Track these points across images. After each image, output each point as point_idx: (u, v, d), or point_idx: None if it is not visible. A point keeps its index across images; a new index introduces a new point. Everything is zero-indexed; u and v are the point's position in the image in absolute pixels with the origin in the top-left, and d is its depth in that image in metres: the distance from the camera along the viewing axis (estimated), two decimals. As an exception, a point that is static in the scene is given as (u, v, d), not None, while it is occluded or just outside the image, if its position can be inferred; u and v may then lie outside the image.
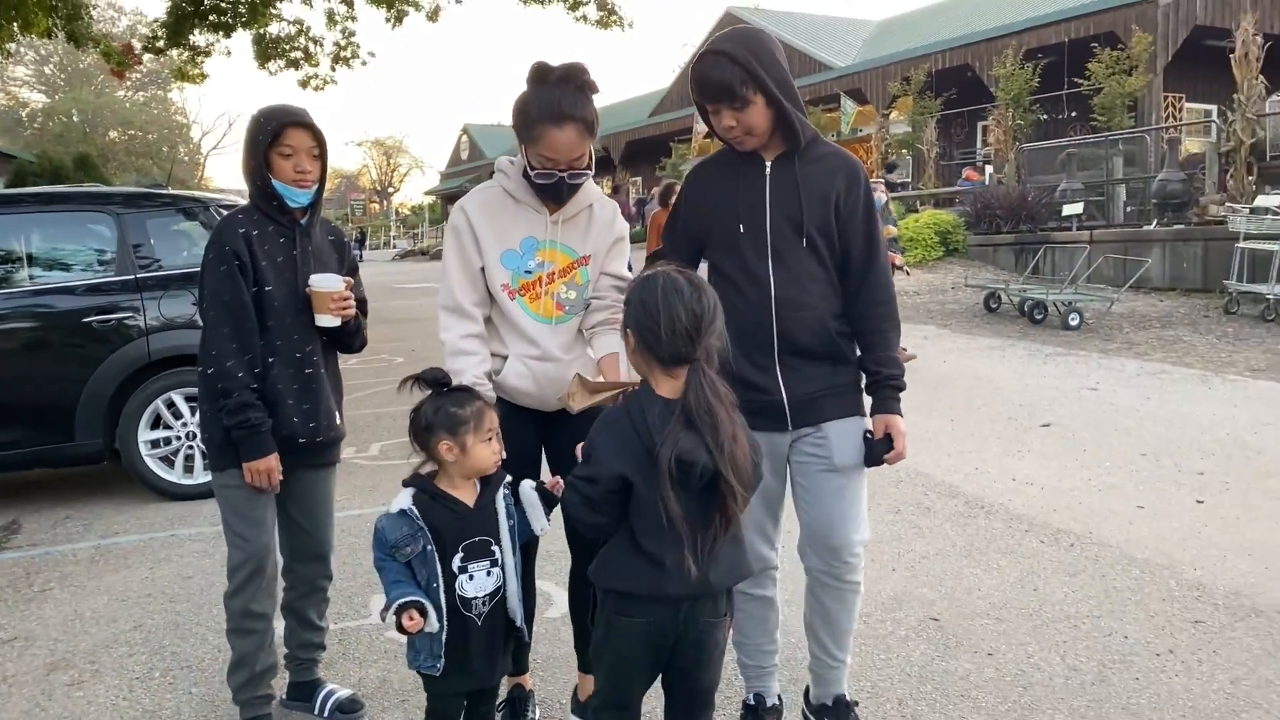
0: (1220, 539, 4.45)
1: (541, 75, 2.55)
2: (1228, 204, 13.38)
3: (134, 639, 3.70)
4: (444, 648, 2.34)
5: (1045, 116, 20.10)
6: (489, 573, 2.37)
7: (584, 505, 2.09)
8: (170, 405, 5.56)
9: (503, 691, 2.83)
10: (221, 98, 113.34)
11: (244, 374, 2.69)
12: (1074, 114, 19.73)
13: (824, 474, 2.61)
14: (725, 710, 2.98)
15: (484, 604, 2.37)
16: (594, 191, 2.78)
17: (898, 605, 3.79)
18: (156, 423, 5.56)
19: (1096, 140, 16.92)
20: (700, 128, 31.21)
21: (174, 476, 5.60)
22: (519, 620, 2.46)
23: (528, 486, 2.43)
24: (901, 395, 2.63)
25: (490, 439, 2.39)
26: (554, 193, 2.64)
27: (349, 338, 2.98)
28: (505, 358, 2.72)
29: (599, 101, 2.65)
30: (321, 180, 2.84)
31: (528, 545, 2.57)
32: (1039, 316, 11.72)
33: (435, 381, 2.40)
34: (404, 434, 2.43)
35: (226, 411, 2.68)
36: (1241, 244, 11.78)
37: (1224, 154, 14.36)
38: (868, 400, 2.65)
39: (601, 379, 2.62)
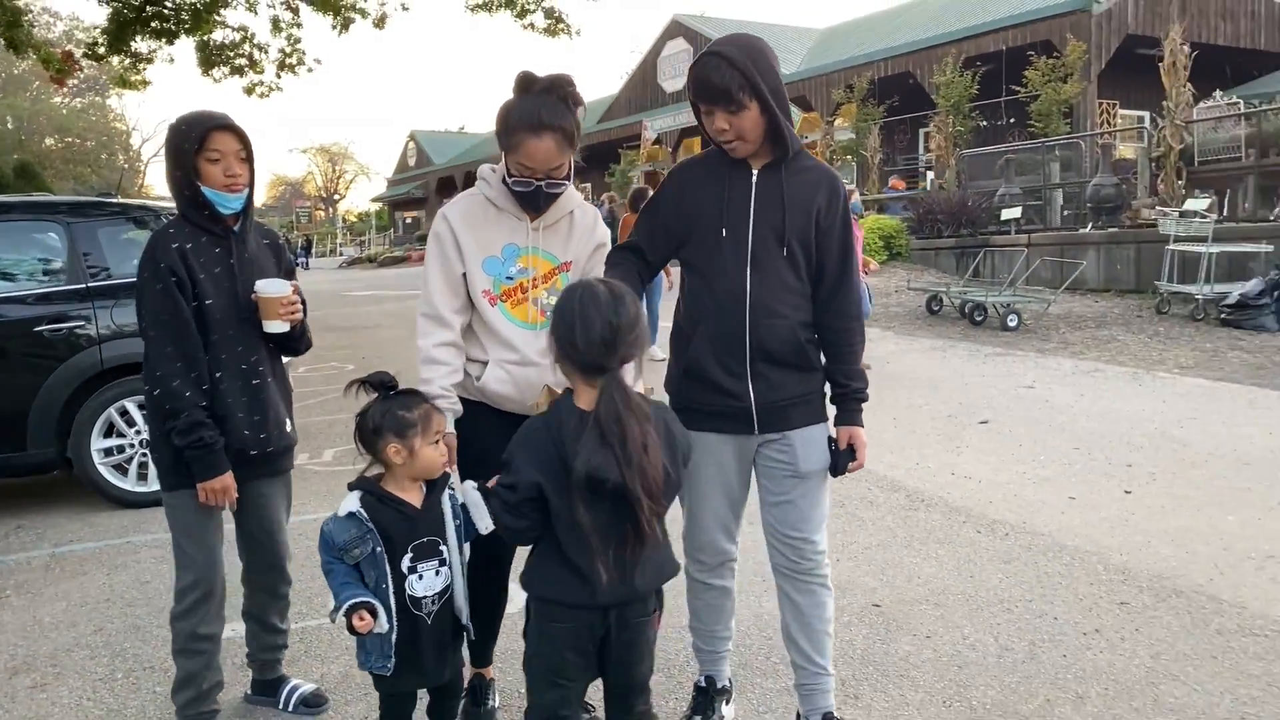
0: (1146, 526, 4.68)
1: (526, 84, 2.58)
2: (1158, 208, 13.84)
3: (95, 642, 3.75)
4: (394, 647, 2.38)
5: (985, 123, 20.58)
6: (437, 572, 2.42)
7: (505, 511, 2.13)
8: (123, 413, 5.57)
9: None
10: (162, 104, 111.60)
11: (191, 392, 2.65)
12: (1012, 120, 20.24)
13: (789, 479, 2.68)
14: (677, 693, 3.12)
15: (433, 603, 2.41)
16: (575, 198, 2.79)
17: (842, 593, 3.94)
18: (110, 430, 5.57)
19: (1034, 146, 17.38)
20: (649, 135, 31.48)
21: (127, 484, 5.61)
22: (464, 618, 2.49)
23: (470, 486, 2.41)
24: (863, 403, 2.72)
25: (438, 441, 2.43)
26: (531, 201, 2.66)
27: (294, 341, 2.95)
28: (485, 363, 2.73)
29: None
30: (251, 184, 2.79)
31: (501, 546, 2.64)
32: (979, 318, 12.03)
33: (382, 384, 2.43)
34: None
35: (177, 432, 2.64)
36: (1172, 246, 12.20)
37: (1154, 159, 14.84)
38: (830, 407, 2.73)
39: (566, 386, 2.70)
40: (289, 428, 2.95)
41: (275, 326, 2.80)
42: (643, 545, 2.09)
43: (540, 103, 2.54)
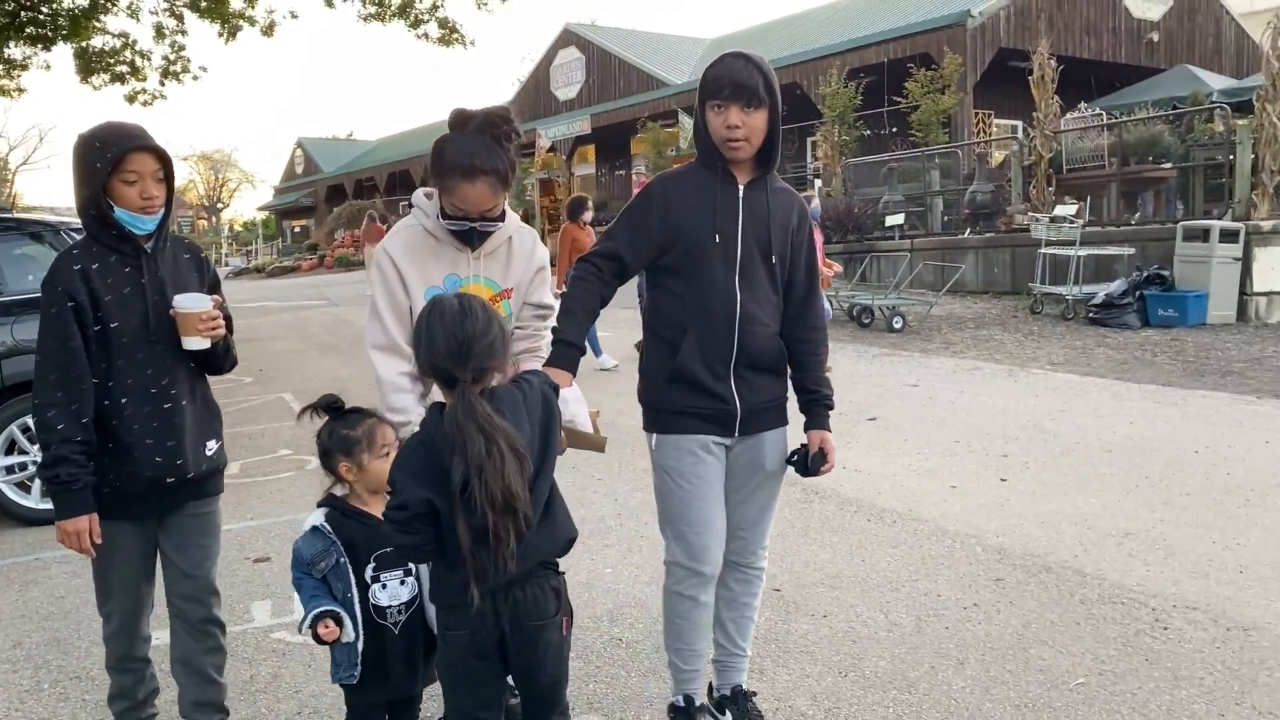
0: (1019, 510, 5.08)
1: (460, 123, 2.57)
2: (1030, 213, 14.63)
3: (15, 656, 3.78)
4: (360, 657, 2.42)
5: (868, 132, 21.31)
6: (403, 582, 2.46)
7: (399, 531, 2.14)
8: (25, 430, 5.52)
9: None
10: (32, 109, 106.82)
11: (65, 425, 2.48)
12: (894, 130, 21.02)
13: (754, 477, 2.83)
14: (652, 709, 3.33)
15: (400, 613, 2.45)
16: (513, 222, 2.78)
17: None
18: (11, 448, 5.51)
19: (915, 155, 18.12)
20: (543, 143, 31.51)
21: (30, 502, 5.56)
22: (436, 627, 2.43)
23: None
24: (830, 409, 2.88)
25: (387, 454, 2.44)
26: (465, 239, 2.68)
27: (218, 359, 2.77)
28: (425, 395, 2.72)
29: (444, 115, 2.62)
30: (169, 203, 2.64)
31: None
32: (866, 321, 12.57)
33: (328, 406, 2.49)
34: (264, 451, 2.66)
35: (42, 465, 2.52)
36: (1043, 250, 12.95)
37: (1026, 167, 15.66)
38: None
39: None
40: (213, 450, 2.77)
41: (195, 343, 2.63)
42: (500, 545, 2.08)
43: (474, 145, 2.52)
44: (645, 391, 2.82)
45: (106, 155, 2.50)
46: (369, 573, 2.44)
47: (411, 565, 2.47)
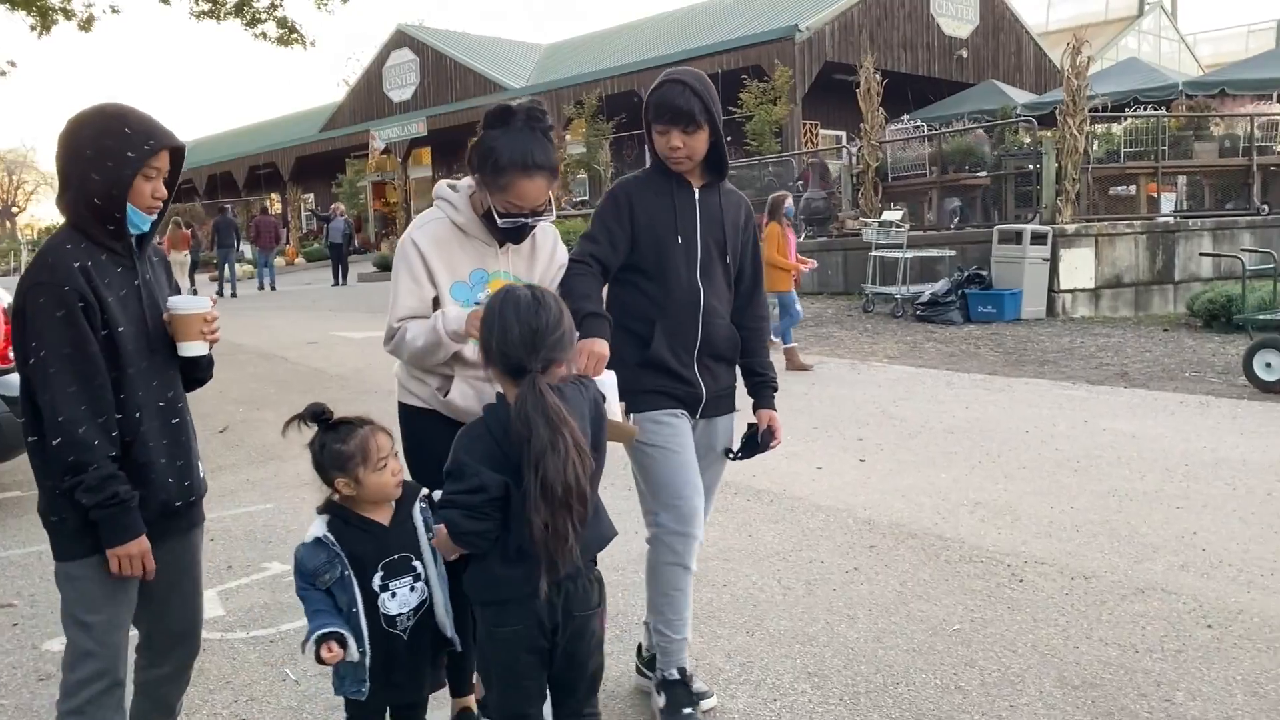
0: (881, 486, 5.55)
1: (502, 118, 2.58)
2: (860, 219, 15.54)
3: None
4: (368, 671, 2.35)
5: (706, 139, 22.04)
6: (412, 588, 2.39)
7: (466, 517, 2.14)
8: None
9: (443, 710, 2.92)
10: None
11: (101, 441, 2.19)
12: (730, 139, 21.75)
13: (706, 457, 3.07)
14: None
15: (409, 619, 2.39)
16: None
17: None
18: None
19: (751, 163, 18.88)
20: (377, 145, 31.03)
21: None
22: (449, 632, 2.46)
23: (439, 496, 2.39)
24: (775, 392, 3.12)
25: (384, 465, 2.37)
26: (516, 236, 2.71)
27: (204, 369, 2.53)
28: (450, 378, 2.73)
29: (267, 115, 2.69)
30: (166, 205, 2.40)
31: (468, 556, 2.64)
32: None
33: (315, 416, 2.38)
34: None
35: (85, 489, 2.18)
36: (873, 253, 13.80)
37: (855, 175, 16.60)
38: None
39: None
40: (203, 470, 2.54)
41: (195, 349, 2.40)
42: (561, 541, 2.11)
43: (527, 140, 2.54)
44: (621, 376, 2.91)
45: (144, 146, 2.25)
46: (377, 581, 2.36)
47: (420, 570, 2.41)
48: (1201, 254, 13.21)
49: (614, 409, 2.60)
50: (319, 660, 2.29)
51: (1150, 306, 13.39)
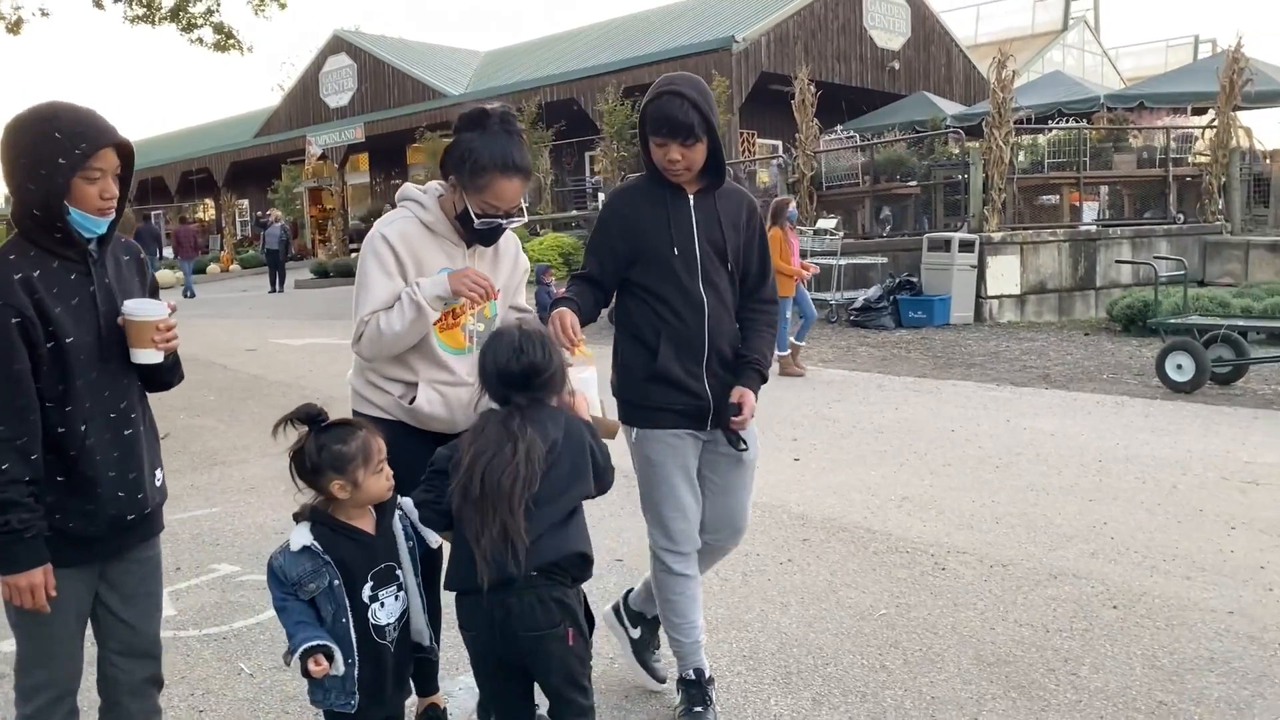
0: (814, 483, 5.79)
1: (478, 121, 2.61)
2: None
3: None
4: (356, 683, 2.29)
5: (644, 148, 22.28)
6: (396, 597, 2.37)
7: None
8: None
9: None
10: None
11: (10, 464, 2.09)
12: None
13: (734, 468, 3.04)
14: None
15: (395, 629, 2.36)
16: None
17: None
18: None
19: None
20: (314, 151, 30.75)
21: None
22: (426, 640, 2.46)
23: (410, 504, 2.43)
24: (762, 380, 2.99)
25: (380, 469, 2.33)
26: (490, 237, 2.74)
27: (167, 374, 2.40)
28: (415, 384, 2.73)
29: (200, 120, 2.66)
30: (123, 203, 2.26)
31: (434, 561, 2.64)
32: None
33: (310, 418, 2.31)
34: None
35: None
36: (809, 259, 14.11)
37: (790, 184, 16.94)
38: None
39: None
40: (160, 479, 2.43)
41: (147, 356, 2.28)
42: (494, 542, 2.27)
43: (505, 143, 2.60)
44: (624, 388, 3.00)
45: (75, 150, 2.13)
46: (367, 592, 2.32)
47: (401, 578, 2.40)
48: (1118, 261, 13.75)
49: (594, 404, 2.67)
50: (305, 674, 2.22)
51: (1073, 311, 13.90)
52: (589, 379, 2.71)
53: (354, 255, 26.89)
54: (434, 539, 2.48)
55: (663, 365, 2.89)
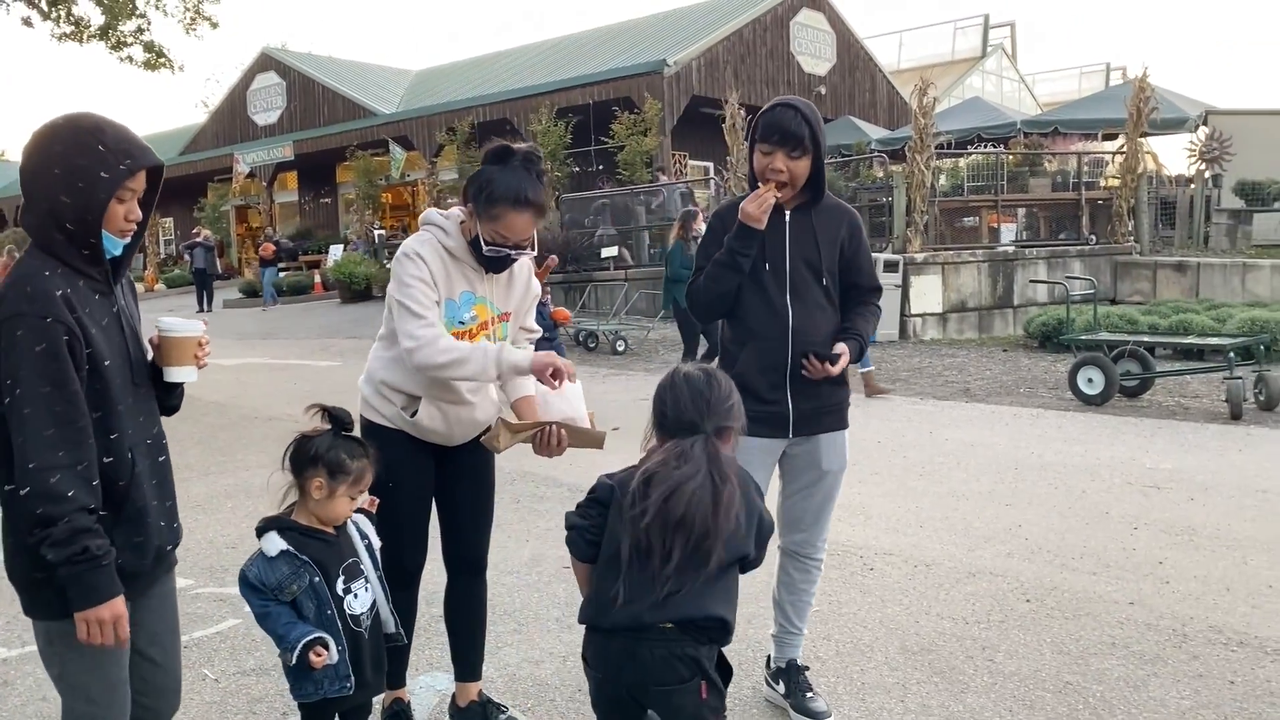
0: (750, 494, 6.06)
1: (501, 156, 2.77)
2: None
3: None
4: (350, 667, 2.44)
5: (578, 169, 22.56)
6: (366, 589, 2.52)
7: (576, 512, 2.31)
8: None
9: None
10: None
11: (76, 491, 1.97)
12: (601, 168, 22.38)
13: (810, 474, 3.11)
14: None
15: (367, 619, 2.51)
16: None
17: (536, 563, 4.87)
18: None
19: (625, 192, 19.47)
20: (242, 169, 30.36)
21: None
22: (392, 627, 2.62)
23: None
24: (861, 350, 3.07)
25: (356, 497, 2.49)
26: (497, 265, 2.86)
27: (179, 398, 2.37)
28: (419, 399, 2.86)
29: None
30: (143, 227, 2.19)
31: (413, 570, 2.99)
32: (591, 345, 13.52)
33: (339, 420, 2.47)
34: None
35: (52, 543, 1.96)
36: (741, 278, 14.48)
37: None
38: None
39: (518, 421, 2.88)
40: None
41: (185, 374, 2.25)
42: (672, 564, 2.13)
43: (522, 178, 2.73)
44: None
45: (120, 166, 2.05)
46: (340, 585, 2.47)
47: (368, 574, 2.54)
48: (1033, 281, 14.35)
49: (582, 417, 2.83)
50: (307, 668, 2.35)
51: (992, 329, 14.47)
52: (575, 392, 2.85)
53: (281, 274, 26.89)
54: (376, 540, 2.62)
55: (740, 372, 2.92)
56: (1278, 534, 4.98)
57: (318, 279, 25.06)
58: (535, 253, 2.92)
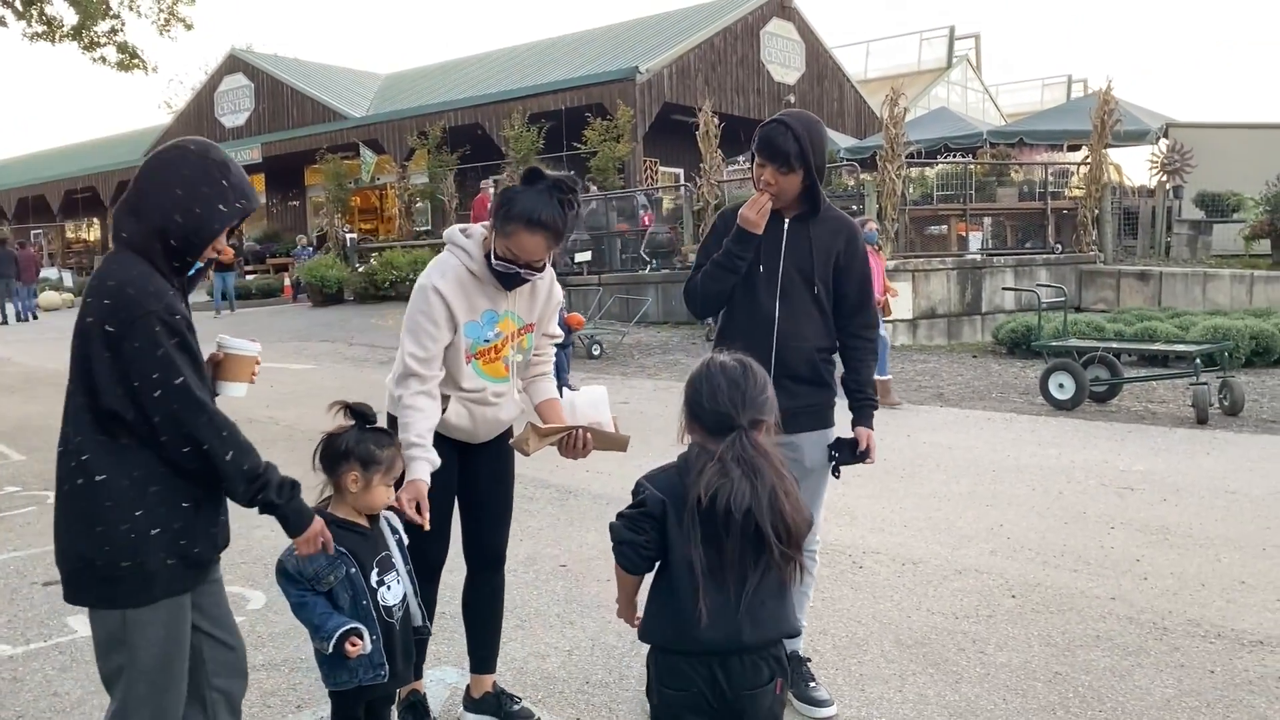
0: (737, 495, 6.17)
1: (532, 178, 2.80)
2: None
3: None
4: (384, 654, 2.53)
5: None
6: (398, 581, 2.62)
7: (625, 526, 2.21)
8: None
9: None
10: None
11: (251, 459, 2.21)
12: (573, 174, 22.40)
13: (796, 474, 3.05)
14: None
15: (399, 610, 2.61)
16: None
17: (533, 562, 4.95)
18: None
19: (600, 197, 19.56)
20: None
21: None
22: (419, 620, 2.73)
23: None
24: (874, 409, 3.26)
25: (390, 484, 2.58)
26: (507, 282, 2.90)
27: None
28: (448, 397, 2.95)
29: (91, 135, 2.56)
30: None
31: (435, 565, 3.07)
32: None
33: (361, 415, 2.56)
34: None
35: (274, 488, 2.22)
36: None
37: (696, 211, 17.50)
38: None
39: (547, 424, 2.99)
40: None
41: (238, 390, 2.42)
42: (753, 577, 2.09)
43: (541, 200, 2.75)
44: None
45: (236, 204, 2.24)
46: (374, 577, 2.56)
47: (399, 567, 2.64)
48: (1004, 288, 14.62)
49: (606, 419, 2.94)
50: (343, 657, 2.45)
51: (961, 335, 14.72)
52: (599, 397, 2.97)
53: (249, 277, 26.69)
54: (406, 536, 2.73)
55: None
56: (1248, 533, 5.17)
57: (287, 282, 24.88)
58: (544, 275, 2.96)
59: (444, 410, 2.96)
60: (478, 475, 3.18)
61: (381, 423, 2.80)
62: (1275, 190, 15.30)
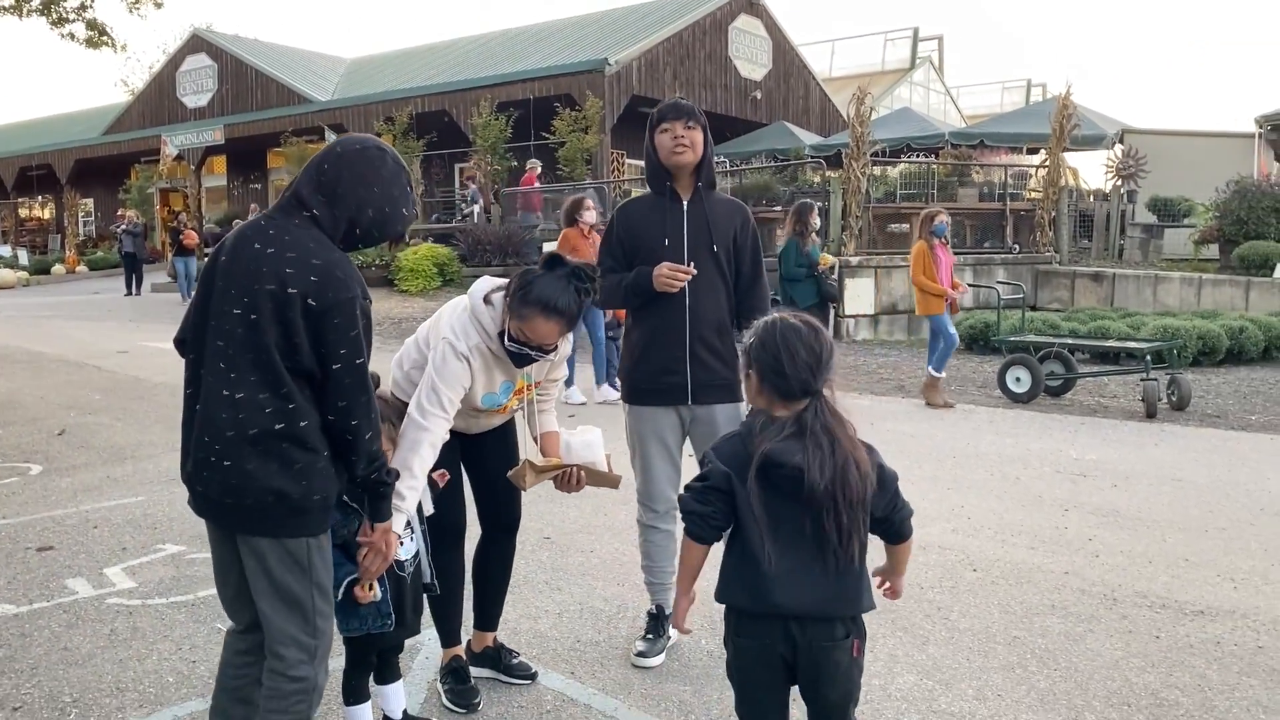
0: (710, 476, 6.41)
1: (554, 265, 2.88)
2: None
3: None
4: (391, 605, 2.69)
5: (516, 164, 22.70)
6: (411, 538, 2.81)
7: (693, 498, 2.23)
8: None
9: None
10: None
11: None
12: (541, 163, 22.58)
13: (709, 443, 3.13)
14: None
15: (410, 565, 2.80)
16: None
17: (521, 533, 5.13)
18: None
19: (569, 188, 19.71)
20: (170, 151, 29.73)
21: None
22: (428, 577, 2.91)
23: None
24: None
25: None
26: (517, 361, 2.97)
27: None
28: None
29: (45, 112, 2.60)
30: None
31: (457, 531, 3.25)
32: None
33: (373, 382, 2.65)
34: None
35: (387, 471, 2.48)
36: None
37: (663, 203, 17.72)
38: None
39: (544, 460, 3.12)
40: None
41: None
42: (838, 553, 2.13)
43: (560, 287, 2.80)
44: (622, 369, 3.59)
45: (413, 214, 2.55)
46: None
47: (414, 526, 2.83)
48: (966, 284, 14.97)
49: (599, 460, 3.15)
50: (353, 603, 2.63)
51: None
52: (595, 440, 3.17)
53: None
54: (429, 508, 2.94)
55: (644, 348, 3.43)
56: (1192, 516, 5.50)
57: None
58: (554, 356, 3.04)
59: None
60: (485, 452, 3.34)
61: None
62: (1224, 196, 15.82)
